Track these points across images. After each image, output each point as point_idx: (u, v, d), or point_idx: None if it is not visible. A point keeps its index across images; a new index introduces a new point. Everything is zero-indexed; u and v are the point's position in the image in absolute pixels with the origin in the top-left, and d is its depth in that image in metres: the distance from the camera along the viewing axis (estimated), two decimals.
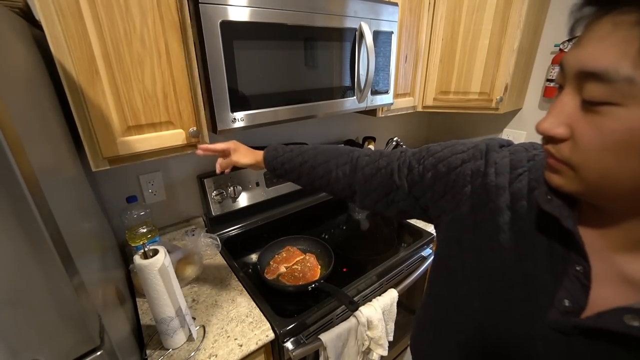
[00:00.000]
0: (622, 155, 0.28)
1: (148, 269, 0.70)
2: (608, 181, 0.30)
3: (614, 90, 0.27)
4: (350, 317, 0.95)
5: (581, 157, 0.31)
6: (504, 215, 0.42)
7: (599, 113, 0.29)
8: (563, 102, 0.31)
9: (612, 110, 0.28)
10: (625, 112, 0.27)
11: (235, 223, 1.33)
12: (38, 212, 0.36)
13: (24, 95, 0.47)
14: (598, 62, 0.27)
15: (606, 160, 0.29)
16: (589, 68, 0.28)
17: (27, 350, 0.40)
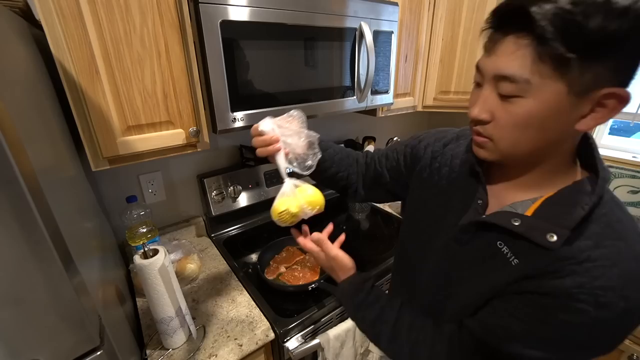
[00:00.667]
0: (524, 129, 0.42)
1: (148, 269, 0.70)
2: (516, 148, 0.45)
3: (518, 88, 0.40)
4: (349, 318, 0.95)
5: (500, 133, 0.45)
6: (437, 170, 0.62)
7: (511, 102, 0.42)
8: (485, 96, 0.44)
9: (518, 100, 0.41)
10: (526, 101, 0.41)
11: (235, 223, 1.33)
12: (38, 212, 0.36)
13: (24, 95, 0.47)
14: (508, 70, 0.40)
15: (515, 134, 0.43)
16: (502, 73, 0.41)
17: (27, 350, 0.40)
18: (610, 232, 0.42)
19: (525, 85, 0.39)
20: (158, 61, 0.76)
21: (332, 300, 0.93)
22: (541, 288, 0.43)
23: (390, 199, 0.80)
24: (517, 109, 0.41)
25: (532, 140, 0.43)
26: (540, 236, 0.43)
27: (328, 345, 0.88)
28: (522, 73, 0.39)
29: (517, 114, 0.42)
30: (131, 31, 0.71)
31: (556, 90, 0.38)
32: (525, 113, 0.41)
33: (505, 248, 0.48)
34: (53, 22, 0.63)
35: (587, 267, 0.40)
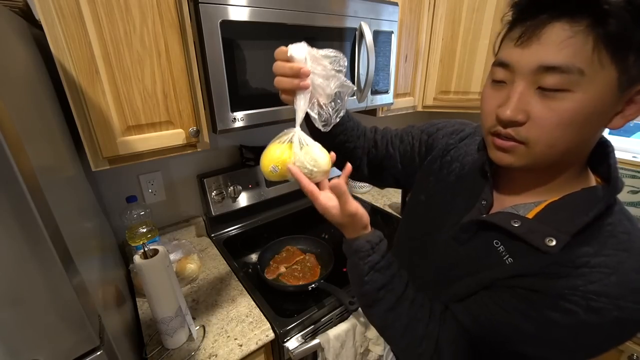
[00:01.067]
0: (567, 128, 0.38)
1: (148, 269, 0.70)
2: (552, 150, 0.40)
3: (569, 80, 0.36)
4: (349, 318, 0.95)
5: (537, 134, 0.40)
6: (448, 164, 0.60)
7: (554, 98, 0.37)
8: (521, 93, 0.40)
9: (565, 95, 0.37)
10: (574, 95, 0.36)
11: (235, 223, 1.33)
12: (38, 212, 0.36)
13: (24, 95, 0.47)
14: (558, 59, 0.36)
15: (556, 134, 0.39)
16: (551, 64, 0.36)
17: (27, 350, 0.40)
18: (614, 242, 0.40)
19: (577, 76, 0.35)
20: (158, 61, 0.76)
21: (332, 300, 0.93)
22: (533, 285, 0.43)
23: (393, 184, 0.75)
24: (563, 105, 0.37)
25: (570, 140, 0.39)
26: (539, 240, 0.43)
27: (328, 345, 0.88)
28: (577, 62, 0.35)
29: (564, 110, 0.37)
30: (131, 31, 0.71)
31: (608, 81, 0.35)
32: (573, 109, 0.37)
33: (501, 247, 0.47)
34: (53, 22, 0.63)
35: (584, 272, 0.40)
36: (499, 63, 0.42)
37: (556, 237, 0.42)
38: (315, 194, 0.52)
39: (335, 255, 1.06)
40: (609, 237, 0.41)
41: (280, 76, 0.51)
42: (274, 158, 0.52)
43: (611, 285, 0.38)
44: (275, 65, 0.51)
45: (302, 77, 0.49)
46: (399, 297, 0.53)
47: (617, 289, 0.38)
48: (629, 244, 0.40)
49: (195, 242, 1.24)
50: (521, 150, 0.42)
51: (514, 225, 0.45)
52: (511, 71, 0.40)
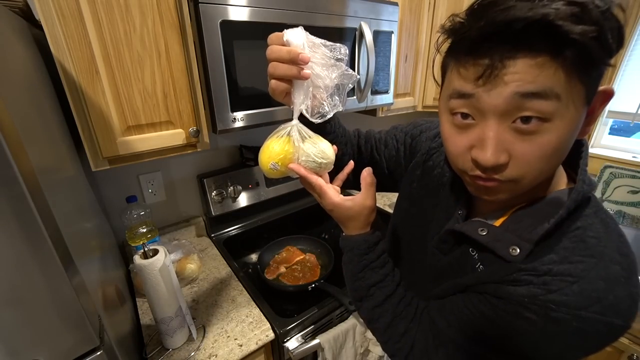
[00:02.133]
0: (552, 157, 0.37)
1: (148, 269, 0.70)
2: (540, 179, 0.39)
3: (547, 107, 0.33)
4: (349, 318, 0.95)
5: (523, 171, 0.37)
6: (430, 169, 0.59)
7: (533, 132, 0.35)
8: (497, 133, 0.36)
9: (545, 126, 0.34)
10: (553, 125, 0.34)
11: (235, 223, 1.33)
12: (38, 212, 0.36)
13: (24, 95, 0.47)
14: (539, 85, 0.33)
15: (541, 165, 0.37)
16: (533, 90, 0.33)
17: (27, 350, 0.40)
18: (582, 248, 0.38)
19: (554, 104, 0.33)
20: (158, 61, 0.76)
21: (332, 300, 0.93)
22: (497, 292, 0.42)
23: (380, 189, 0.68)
24: (545, 137, 0.35)
25: (555, 166, 0.39)
26: (504, 249, 0.42)
27: (328, 345, 0.88)
28: (554, 87, 0.33)
29: (547, 142, 0.35)
30: (131, 31, 0.71)
31: (579, 101, 0.34)
32: (555, 139, 0.35)
33: (475, 255, 0.47)
34: (53, 22, 0.63)
35: (546, 280, 0.38)
36: (458, 95, 0.38)
37: (519, 245, 0.41)
38: (324, 188, 0.50)
39: (335, 255, 1.06)
40: (577, 243, 0.39)
41: (276, 62, 0.44)
42: (273, 154, 0.48)
43: (572, 294, 0.36)
44: (269, 49, 0.44)
45: (300, 64, 0.43)
46: (388, 295, 0.54)
47: (579, 298, 0.36)
48: (598, 249, 0.38)
49: (195, 242, 1.24)
50: (507, 187, 0.40)
51: (481, 234, 0.45)
52: (481, 110, 0.36)
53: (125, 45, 0.71)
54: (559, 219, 0.39)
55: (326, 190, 0.50)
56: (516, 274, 0.41)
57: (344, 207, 0.51)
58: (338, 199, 0.51)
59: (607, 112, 1.55)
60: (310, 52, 0.43)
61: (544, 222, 0.40)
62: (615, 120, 1.58)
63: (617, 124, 1.60)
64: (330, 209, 0.52)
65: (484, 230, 0.45)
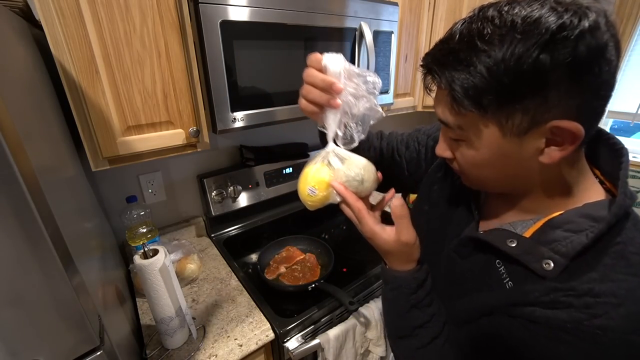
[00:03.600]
0: (483, 169, 0.43)
1: (148, 269, 0.70)
2: (485, 183, 0.46)
3: (457, 134, 0.41)
4: (349, 318, 0.95)
5: (462, 169, 0.45)
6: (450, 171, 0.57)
7: (459, 145, 0.43)
8: (445, 135, 0.46)
9: (462, 144, 0.42)
10: (469, 145, 0.41)
11: (235, 223, 1.32)
12: (38, 212, 0.36)
13: (24, 95, 0.47)
14: (444, 117, 0.41)
15: (476, 172, 0.44)
16: (441, 119, 0.42)
17: (27, 350, 0.40)
18: (624, 265, 0.36)
19: (460, 131, 0.40)
20: (158, 61, 0.76)
21: (332, 300, 0.93)
22: (533, 316, 0.40)
23: (400, 191, 0.69)
24: (465, 151, 0.42)
25: (495, 176, 0.43)
26: (536, 262, 0.40)
27: (328, 346, 0.88)
28: (453, 121, 0.40)
29: (468, 156, 0.42)
30: (131, 31, 0.71)
31: (491, 134, 0.38)
32: (473, 156, 0.41)
33: (502, 268, 0.45)
34: (53, 22, 0.63)
35: (588, 302, 0.36)
36: None
37: (553, 259, 0.39)
38: (362, 212, 0.48)
39: (335, 255, 1.06)
40: (618, 259, 0.37)
41: (310, 85, 0.47)
42: (310, 179, 0.47)
43: (619, 318, 0.35)
44: (306, 72, 0.47)
45: (333, 93, 0.46)
46: (434, 337, 0.50)
47: (626, 322, 0.34)
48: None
49: (195, 242, 1.24)
50: (466, 179, 0.47)
51: (510, 246, 0.43)
52: None
53: (125, 45, 0.71)
54: (599, 233, 0.37)
55: (365, 215, 0.48)
56: (553, 295, 0.38)
57: (381, 238, 0.48)
58: (377, 227, 0.48)
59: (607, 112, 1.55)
60: (345, 81, 0.44)
61: (580, 235, 0.38)
62: (615, 120, 1.58)
63: (617, 124, 1.60)
64: (370, 237, 0.50)
65: (513, 241, 0.43)
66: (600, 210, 0.40)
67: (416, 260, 0.50)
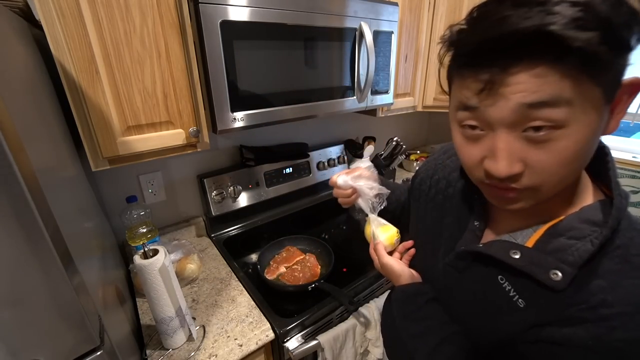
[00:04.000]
0: (573, 163, 0.35)
1: (148, 269, 0.70)
2: (562, 185, 0.37)
3: (558, 114, 0.32)
4: (349, 318, 0.95)
5: (541, 178, 0.36)
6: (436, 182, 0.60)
7: (547, 140, 0.33)
8: (508, 144, 0.35)
9: (559, 133, 0.33)
10: (569, 130, 0.32)
11: (235, 223, 1.32)
12: (38, 212, 0.36)
13: (24, 95, 0.47)
14: (541, 95, 0.31)
15: (562, 172, 0.35)
16: (539, 99, 0.32)
17: (27, 350, 0.40)
18: (629, 269, 0.35)
19: (565, 110, 0.31)
20: (158, 61, 0.76)
21: (332, 300, 0.93)
22: (553, 338, 0.38)
23: None
24: (561, 144, 0.33)
25: (578, 170, 0.38)
26: (544, 273, 0.38)
27: (328, 345, 0.88)
28: (562, 92, 0.31)
29: (563, 149, 0.33)
30: (131, 31, 0.71)
31: (596, 102, 0.32)
32: (573, 145, 0.33)
33: (507, 285, 0.42)
34: (53, 22, 0.63)
35: (603, 315, 0.34)
36: (464, 107, 0.37)
37: (561, 269, 0.37)
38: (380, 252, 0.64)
39: (335, 255, 1.06)
40: (623, 264, 0.36)
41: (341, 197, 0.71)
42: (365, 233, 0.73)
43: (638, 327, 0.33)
44: (334, 192, 0.73)
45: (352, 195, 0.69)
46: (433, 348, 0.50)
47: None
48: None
49: (195, 242, 1.24)
50: (527, 194, 0.38)
51: (513, 257, 0.41)
52: (482, 119, 0.36)
53: (125, 45, 0.71)
54: (604, 239, 0.36)
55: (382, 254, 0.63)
56: (568, 310, 0.37)
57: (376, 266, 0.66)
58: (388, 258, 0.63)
59: None
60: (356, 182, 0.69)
61: (584, 242, 0.37)
62: None
63: None
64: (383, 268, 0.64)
65: (517, 252, 0.41)
66: (597, 213, 0.38)
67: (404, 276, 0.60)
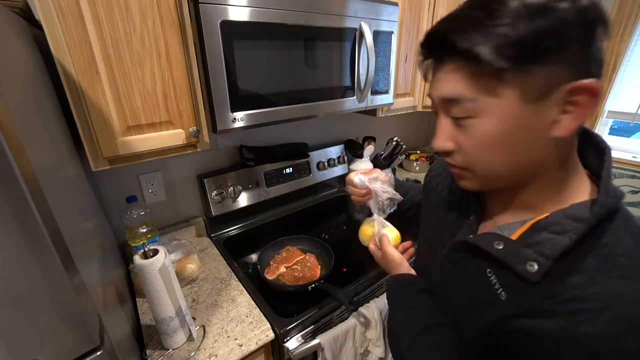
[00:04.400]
0: (492, 150, 0.40)
1: (148, 269, 0.70)
2: (494, 171, 0.42)
3: (468, 108, 0.39)
4: (349, 318, 0.95)
5: (468, 160, 0.42)
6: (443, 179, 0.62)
7: (467, 126, 0.40)
8: (443, 124, 0.43)
9: (473, 122, 0.39)
10: (481, 121, 0.38)
11: (235, 223, 1.33)
12: (38, 212, 0.36)
13: (24, 95, 0.47)
14: (451, 92, 0.39)
15: (485, 157, 0.41)
16: (447, 96, 0.40)
17: (27, 350, 0.40)
18: (610, 268, 0.36)
19: (473, 104, 0.38)
20: (158, 61, 0.76)
21: (332, 300, 0.93)
22: (524, 327, 0.39)
23: None
24: (476, 130, 0.39)
25: (506, 159, 0.40)
26: (522, 264, 0.40)
27: (328, 345, 0.88)
28: (466, 92, 0.38)
29: (479, 135, 0.39)
30: (131, 31, 0.71)
31: (508, 102, 0.36)
32: (485, 133, 0.39)
33: (493, 278, 0.44)
34: (53, 22, 0.63)
35: (573, 309, 0.35)
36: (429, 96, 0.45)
37: (537, 261, 0.39)
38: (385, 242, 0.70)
39: (335, 255, 1.06)
40: (605, 262, 0.36)
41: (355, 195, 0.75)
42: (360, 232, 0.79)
43: (606, 324, 0.34)
44: (349, 189, 0.76)
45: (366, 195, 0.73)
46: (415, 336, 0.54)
47: (613, 327, 0.34)
48: (628, 269, 0.35)
49: (195, 242, 1.24)
50: (468, 175, 0.44)
51: (497, 248, 0.43)
52: (434, 104, 0.44)
53: (125, 45, 0.71)
54: (580, 234, 0.37)
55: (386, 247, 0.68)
56: (541, 303, 0.38)
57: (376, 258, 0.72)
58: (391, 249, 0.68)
59: (607, 112, 1.55)
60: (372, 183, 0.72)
61: (563, 236, 0.38)
62: (615, 120, 1.58)
63: (617, 124, 1.60)
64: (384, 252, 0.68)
65: (500, 243, 0.43)
66: (584, 211, 0.39)
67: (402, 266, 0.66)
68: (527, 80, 0.35)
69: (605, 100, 1.51)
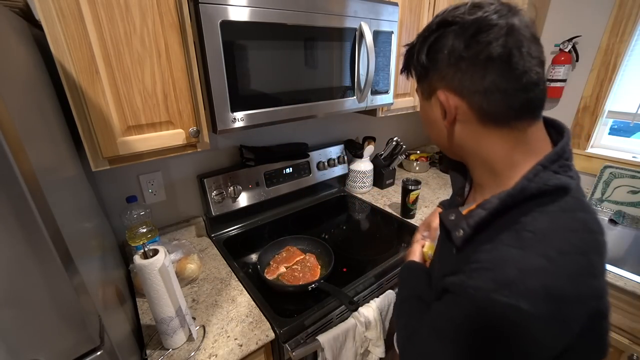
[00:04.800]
0: (425, 128, 0.55)
1: (148, 269, 0.70)
2: (435, 142, 0.55)
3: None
4: (349, 318, 0.95)
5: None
6: None
7: None
8: None
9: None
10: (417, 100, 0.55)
11: (235, 223, 1.33)
12: (38, 212, 0.36)
13: (24, 95, 0.47)
14: None
15: (427, 131, 0.55)
16: None
17: (27, 350, 0.40)
18: (514, 240, 0.41)
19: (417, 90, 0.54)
20: (158, 61, 0.76)
21: (332, 300, 0.93)
22: (445, 283, 0.47)
23: None
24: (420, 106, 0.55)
25: (433, 136, 0.54)
26: (456, 231, 0.48)
27: (328, 345, 0.88)
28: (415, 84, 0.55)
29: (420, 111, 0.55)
30: (131, 31, 0.71)
31: (422, 96, 0.53)
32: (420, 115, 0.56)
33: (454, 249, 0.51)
34: (53, 22, 0.63)
35: (472, 268, 0.42)
36: None
37: (463, 229, 0.46)
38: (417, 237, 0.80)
39: (335, 255, 1.06)
40: (512, 235, 0.41)
41: None
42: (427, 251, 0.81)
43: (487, 280, 0.40)
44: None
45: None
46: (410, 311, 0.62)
47: (492, 283, 0.39)
48: (528, 242, 0.40)
49: (195, 242, 1.24)
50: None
51: (450, 219, 0.51)
52: None
53: (125, 45, 0.71)
54: (493, 209, 0.44)
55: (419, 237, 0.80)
56: (459, 264, 0.45)
57: None
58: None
59: (607, 112, 1.55)
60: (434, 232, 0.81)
61: (485, 210, 0.45)
62: (615, 120, 1.58)
63: (617, 124, 1.60)
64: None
65: (452, 215, 0.51)
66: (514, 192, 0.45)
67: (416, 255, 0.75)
68: (422, 84, 0.51)
69: (605, 100, 1.51)
